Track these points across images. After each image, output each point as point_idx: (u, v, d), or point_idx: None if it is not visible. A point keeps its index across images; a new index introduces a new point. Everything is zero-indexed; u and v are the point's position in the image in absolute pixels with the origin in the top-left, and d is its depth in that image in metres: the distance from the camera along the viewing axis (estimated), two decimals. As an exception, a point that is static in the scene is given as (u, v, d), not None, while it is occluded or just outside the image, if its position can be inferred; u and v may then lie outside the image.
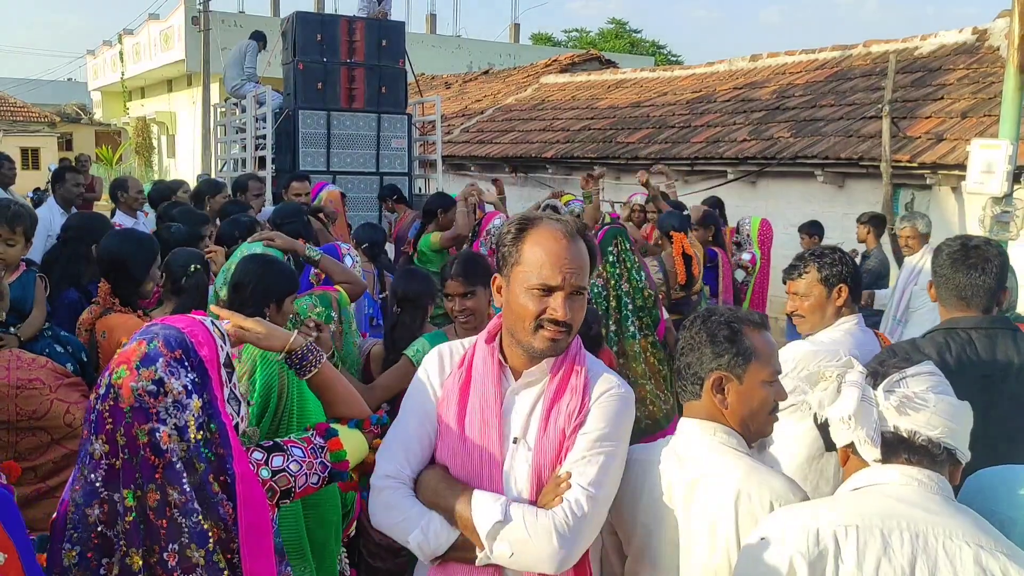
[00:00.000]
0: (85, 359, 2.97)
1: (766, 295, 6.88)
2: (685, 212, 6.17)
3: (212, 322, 1.75)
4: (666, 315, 5.00)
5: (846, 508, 1.56)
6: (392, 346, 3.46)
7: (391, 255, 6.43)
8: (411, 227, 6.46)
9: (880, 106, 8.20)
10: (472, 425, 1.82)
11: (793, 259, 2.94)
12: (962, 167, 7.13)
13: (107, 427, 1.55)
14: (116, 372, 1.58)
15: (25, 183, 13.69)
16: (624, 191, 10.39)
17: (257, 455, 1.76)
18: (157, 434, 1.54)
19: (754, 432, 1.85)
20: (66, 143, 32.33)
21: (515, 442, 1.81)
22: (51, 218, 5.96)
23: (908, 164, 7.65)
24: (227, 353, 1.73)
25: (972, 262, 2.54)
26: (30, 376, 2.53)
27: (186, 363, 1.61)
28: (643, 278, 4.92)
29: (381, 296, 5.00)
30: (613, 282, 4.81)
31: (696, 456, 1.82)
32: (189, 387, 1.59)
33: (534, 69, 18.66)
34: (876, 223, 6.92)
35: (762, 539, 1.58)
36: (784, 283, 2.97)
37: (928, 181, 7.73)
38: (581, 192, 6.18)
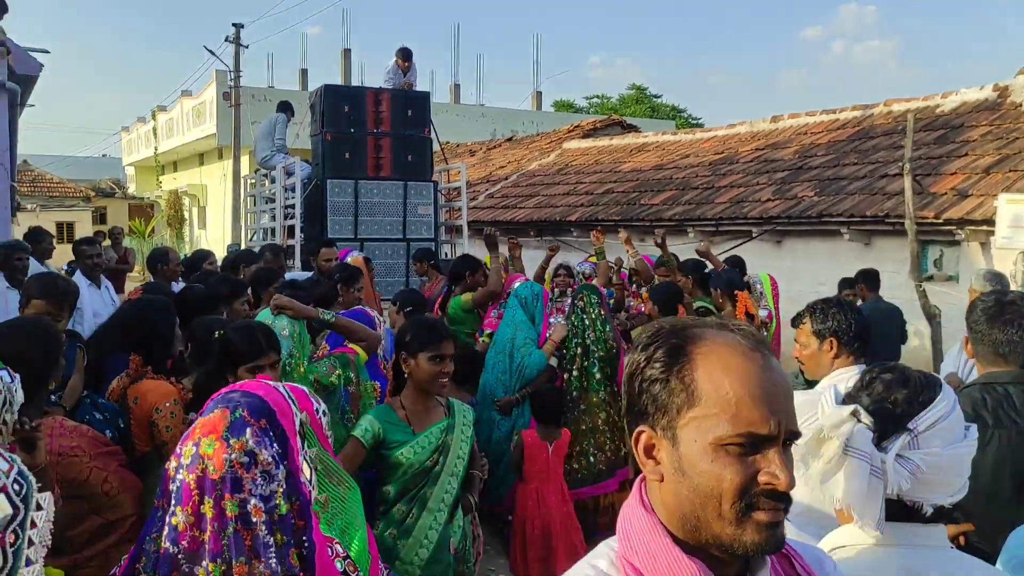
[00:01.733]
0: (122, 425, 3.00)
1: (779, 351, 6.81)
2: (707, 270, 6.28)
3: (284, 387, 1.75)
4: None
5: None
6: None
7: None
8: (442, 292, 6.52)
9: (902, 164, 8.22)
10: None
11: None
12: (990, 222, 7.10)
13: (193, 498, 1.53)
14: (204, 442, 1.55)
15: (61, 257, 13.98)
16: (648, 253, 10.41)
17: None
18: (248, 506, 1.52)
19: None
20: (100, 217, 33.09)
21: None
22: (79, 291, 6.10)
23: (934, 221, 7.62)
24: (300, 420, 1.71)
25: (1008, 318, 2.53)
26: (71, 444, 2.55)
27: (271, 432, 1.60)
28: (608, 330, 5.27)
29: None
30: (580, 332, 5.18)
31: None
32: (276, 458, 1.58)
33: (557, 135, 18.93)
34: (863, 279, 6.87)
35: None
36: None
37: (956, 237, 7.69)
38: (593, 248, 6.39)
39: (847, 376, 2.74)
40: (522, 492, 4.58)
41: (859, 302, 6.78)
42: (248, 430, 1.56)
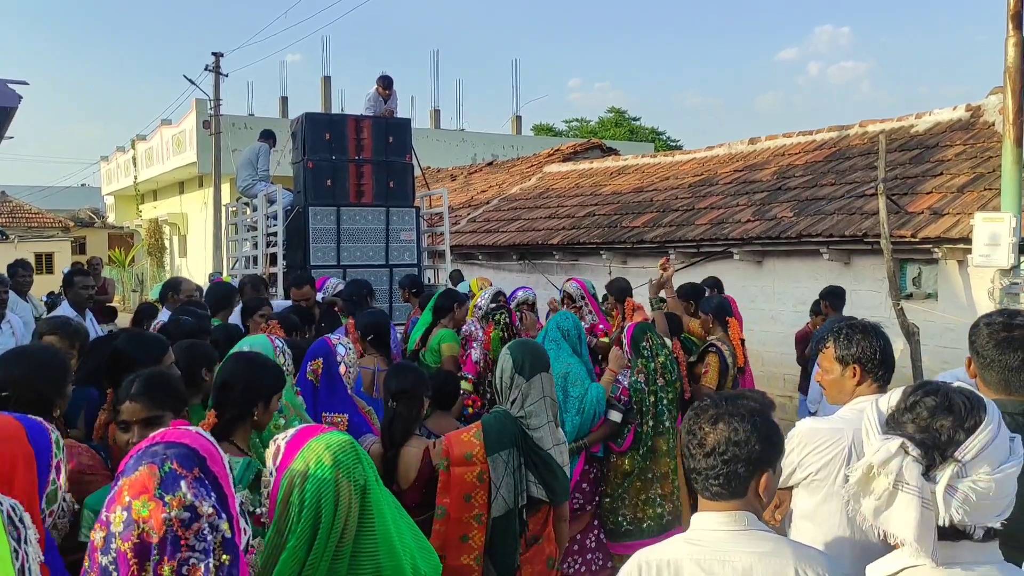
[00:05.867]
0: (109, 465, 2.98)
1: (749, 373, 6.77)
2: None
3: (203, 430, 1.66)
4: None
5: None
6: (391, 442, 3.44)
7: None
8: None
9: (876, 183, 8.33)
10: None
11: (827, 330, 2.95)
12: (966, 240, 7.19)
13: (132, 568, 1.42)
14: (136, 504, 1.44)
15: (40, 287, 13.87)
16: (631, 274, 10.47)
17: None
18: (185, 568, 1.42)
19: (765, 508, 1.87)
20: (80, 247, 32.91)
21: None
22: None
23: (911, 240, 7.72)
24: (228, 462, 1.64)
25: (1019, 343, 2.40)
26: (88, 463, 2.62)
27: (206, 481, 1.50)
28: (676, 369, 4.98)
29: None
30: (651, 377, 4.85)
31: (740, 548, 1.79)
32: (217, 507, 1.48)
33: (537, 159, 19.03)
34: (827, 296, 6.91)
35: None
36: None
37: (934, 255, 7.79)
38: (658, 276, 5.94)
39: (863, 406, 2.67)
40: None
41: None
42: (183, 483, 1.46)
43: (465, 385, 5.09)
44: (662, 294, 5.97)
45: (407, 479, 3.37)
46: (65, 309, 6.24)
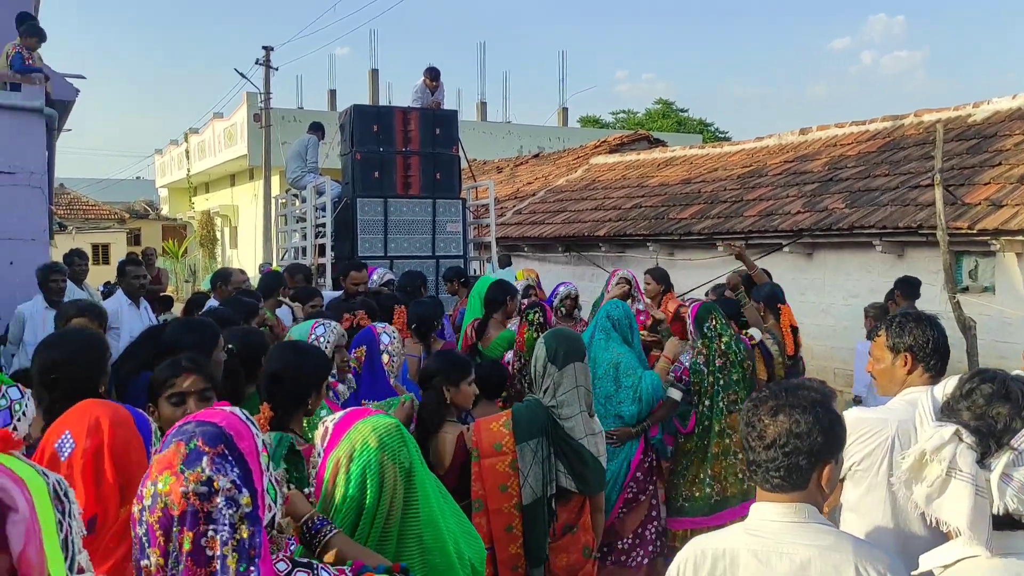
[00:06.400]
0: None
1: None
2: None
3: (243, 411, 1.72)
4: None
5: None
6: (423, 428, 3.41)
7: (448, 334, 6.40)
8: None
9: (933, 174, 8.14)
10: None
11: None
12: (1026, 232, 7.00)
13: (159, 540, 1.51)
14: (160, 480, 1.53)
15: (97, 278, 14.26)
16: (678, 267, 10.40)
17: (281, 566, 1.71)
18: (203, 540, 1.50)
19: (826, 500, 1.82)
20: (135, 238, 33.69)
21: None
22: (118, 310, 6.20)
23: (968, 231, 7.53)
24: (262, 440, 1.69)
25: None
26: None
27: (230, 458, 1.57)
28: (742, 350, 4.93)
29: None
30: (711, 358, 4.83)
31: (799, 540, 1.75)
32: (237, 482, 1.55)
33: (583, 151, 18.95)
34: (899, 286, 6.75)
35: None
36: None
37: (991, 247, 7.59)
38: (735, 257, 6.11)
39: (912, 397, 2.57)
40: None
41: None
42: (204, 459, 1.53)
43: None
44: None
45: (442, 465, 3.38)
46: (119, 298, 6.40)
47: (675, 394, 4.74)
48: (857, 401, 6.65)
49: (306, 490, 2.11)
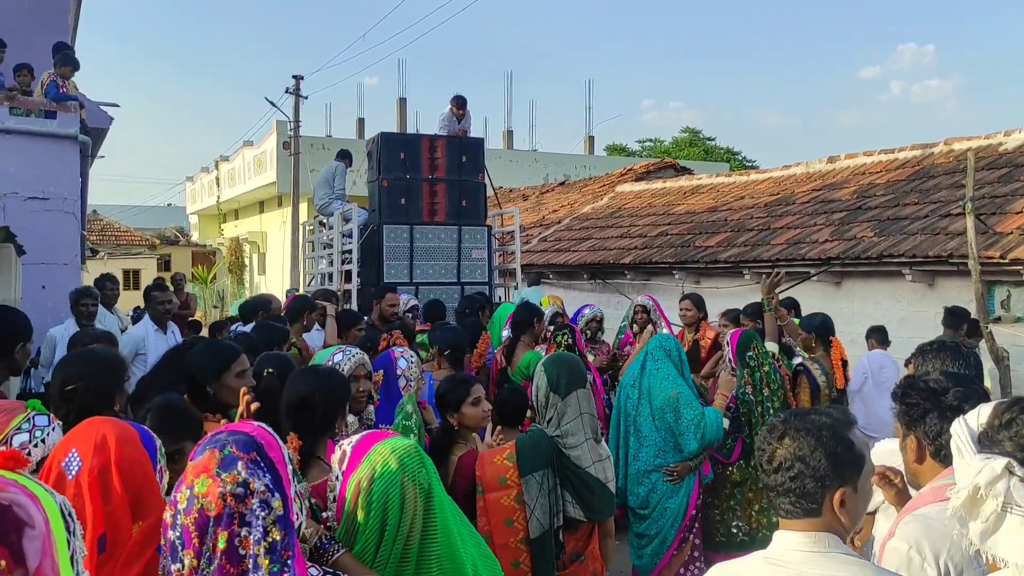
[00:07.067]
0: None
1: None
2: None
3: (263, 424, 1.79)
4: None
5: None
6: (435, 451, 3.39)
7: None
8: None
9: (963, 203, 8.04)
10: None
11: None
12: (1060, 261, 6.88)
13: (194, 541, 1.56)
14: (197, 483, 1.59)
15: (128, 302, 14.44)
16: (704, 295, 10.32)
17: (313, 571, 1.76)
18: (237, 539, 1.55)
19: (849, 530, 1.78)
20: (165, 264, 34.09)
21: None
22: (144, 335, 6.26)
23: (1000, 260, 7.42)
24: (288, 455, 1.75)
25: None
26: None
27: (262, 464, 1.64)
28: (779, 379, 4.90)
29: None
30: (758, 387, 4.81)
31: (819, 570, 1.71)
32: (270, 487, 1.61)
33: (609, 179, 18.96)
34: (948, 317, 6.66)
35: None
36: None
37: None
38: (762, 299, 5.49)
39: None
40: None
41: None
42: (239, 463, 1.60)
43: None
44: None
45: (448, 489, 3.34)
46: (146, 323, 6.46)
47: (725, 424, 4.72)
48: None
49: (325, 513, 2.11)
